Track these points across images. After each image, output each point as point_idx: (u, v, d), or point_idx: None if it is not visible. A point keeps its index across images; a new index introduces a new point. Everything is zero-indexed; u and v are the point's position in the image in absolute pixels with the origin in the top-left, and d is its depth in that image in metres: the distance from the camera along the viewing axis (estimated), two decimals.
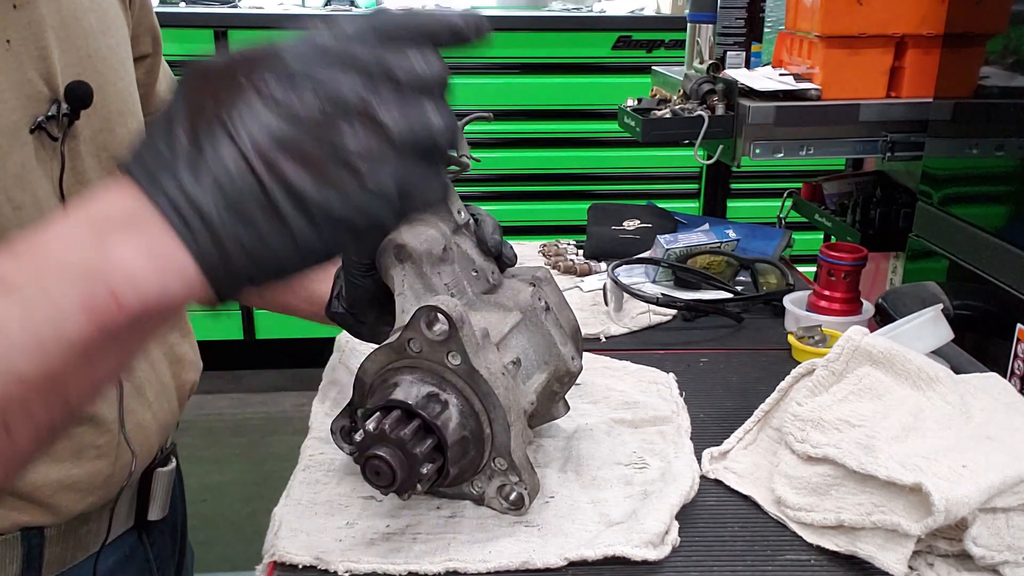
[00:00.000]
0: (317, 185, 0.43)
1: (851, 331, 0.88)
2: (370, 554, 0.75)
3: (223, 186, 0.42)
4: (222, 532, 2.52)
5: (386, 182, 0.44)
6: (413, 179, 0.45)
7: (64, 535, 0.78)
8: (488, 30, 0.47)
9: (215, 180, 0.42)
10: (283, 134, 0.42)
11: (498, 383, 0.77)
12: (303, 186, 0.43)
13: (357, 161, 0.43)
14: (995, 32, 1.10)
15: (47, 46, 0.69)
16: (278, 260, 0.45)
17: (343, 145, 0.43)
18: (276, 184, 0.42)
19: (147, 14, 0.89)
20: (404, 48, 0.44)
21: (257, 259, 0.44)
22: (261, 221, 0.43)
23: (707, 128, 1.37)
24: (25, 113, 0.68)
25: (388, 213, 0.45)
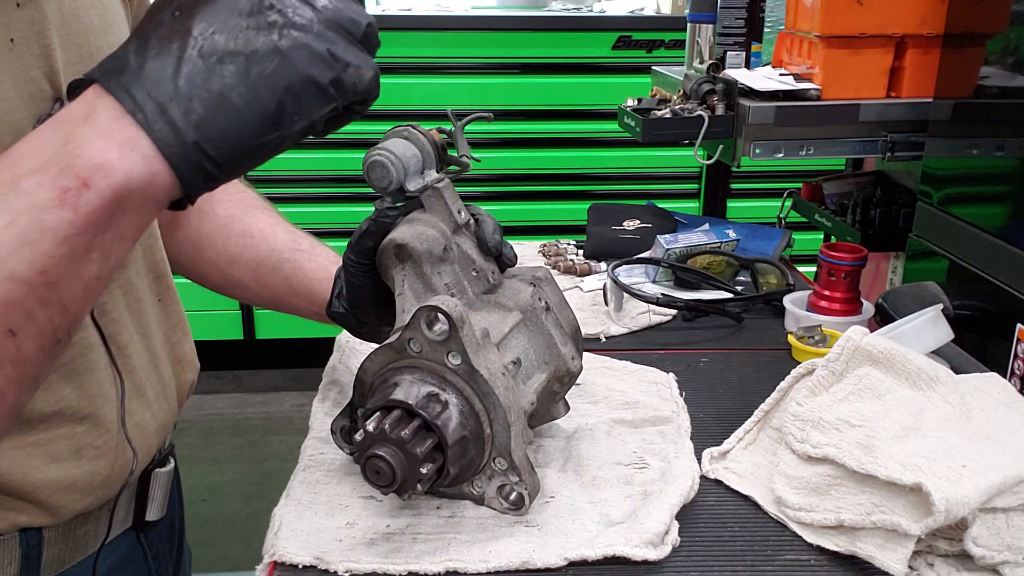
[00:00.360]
0: (243, 39, 0.49)
1: (851, 331, 0.88)
2: (370, 554, 0.75)
3: (166, 62, 0.48)
4: (221, 532, 2.52)
5: (310, 37, 0.50)
6: (340, 48, 0.51)
7: (63, 536, 0.78)
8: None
9: (158, 63, 0.49)
10: (215, 19, 0.49)
11: (498, 383, 0.77)
12: (227, 44, 0.49)
13: (279, 18, 0.49)
14: (995, 32, 1.10)
15: (50, 44, 0.69)
16: (226, 128, 0.49)
17: (271, 5, 0.50)
18: (204, 51, 0.49)
19: (144, 9, 0.89)
20: None
21: (206, 128, 0.49)
22: (201, 90, 0.48)
23: (707, 128, 1.38)
24: (29, 112, 0.68)
25: (318, 68, 0.51)
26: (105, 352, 0.77)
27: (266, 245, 0.99)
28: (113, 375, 0.78)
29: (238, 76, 0.50)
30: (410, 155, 0.82)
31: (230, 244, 0.99)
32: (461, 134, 0.87)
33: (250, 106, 0.50)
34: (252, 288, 1.00)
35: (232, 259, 0.99)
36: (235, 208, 1.01)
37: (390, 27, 3.08)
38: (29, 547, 0.75)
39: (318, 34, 0.51)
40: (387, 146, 0.82)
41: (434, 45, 3.11)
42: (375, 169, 0.82)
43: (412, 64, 3.11)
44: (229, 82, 0.49)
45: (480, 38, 3.12)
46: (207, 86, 0.49)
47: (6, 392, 0.50)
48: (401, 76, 3.11)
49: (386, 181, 0.82)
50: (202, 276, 1.02)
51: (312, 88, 0.52)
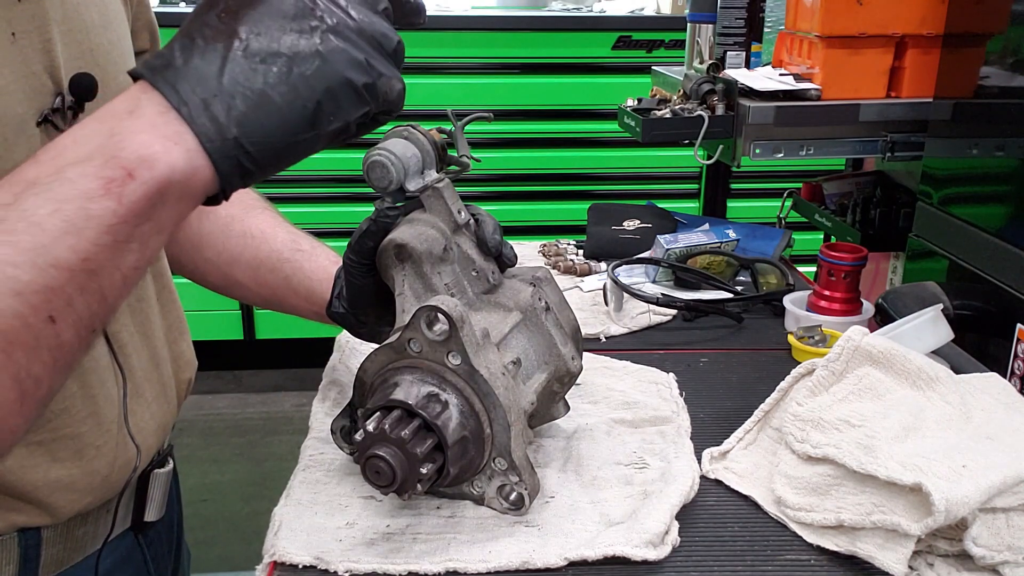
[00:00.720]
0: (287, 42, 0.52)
1: (851, 331, 0.88)
2: (370, 554, 0.75)
3: (211, 61, 0.51)
4: (221, 532, 2.51)
5: (349, 44, 0.53)
6: (374, 58, 0.55)
7: (61, 536, 0.77)
8: None
9: (204, 61, 0.51)
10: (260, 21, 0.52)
11: (498, 383, 0.77)
12: (270, 46, 0.52)
13: (320, 23, 0.53)
14: (995, 32, 1.10)
15: (51, 39, 0.70)
16: (266, 125, 0.52)
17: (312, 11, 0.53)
18: (249, 51, 0.51)
19: (145, 9, 0.89)
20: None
21: (247, 125, 0.51)
22: (244, 88, 0.51)
23: (707, 128, 1.38)
24: (31, 106, 0.68)
25: (355, 72, 0.54)
26: (108, 350, 0.77)
27: (266, 245, 0.99)
28: (115, 374, 0.78)
29: (280, 76, 0.52)
30: (410, 155, 0.82)
31: (230, 244, 0.99)
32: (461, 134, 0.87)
33: (290, 105, 0.52)
34: (252, 288, 1.00)
35: (232, 259, 0.99)
36: (235, 208, 1.01)
37: None
38: (28, 548, 0.75)
39: (355, 42, 0.54)
40: (387, 146, 0.82)
41: (434, 45, 3.11)
42: (375, 169, 0.82)
43: (412, 64, 3.09)
44: (271, 81, 0.51)
45: (480, 38, 3.12)
46: (250, 84, 0.51)
47: (41, 379, 0.51)
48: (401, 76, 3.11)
49: (386, 181, 0.82)
50: (202, 276, 1.02)
51: (349, 91, 0.54)
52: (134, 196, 0.49)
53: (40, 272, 0.48)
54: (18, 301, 0.48)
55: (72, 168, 0.49)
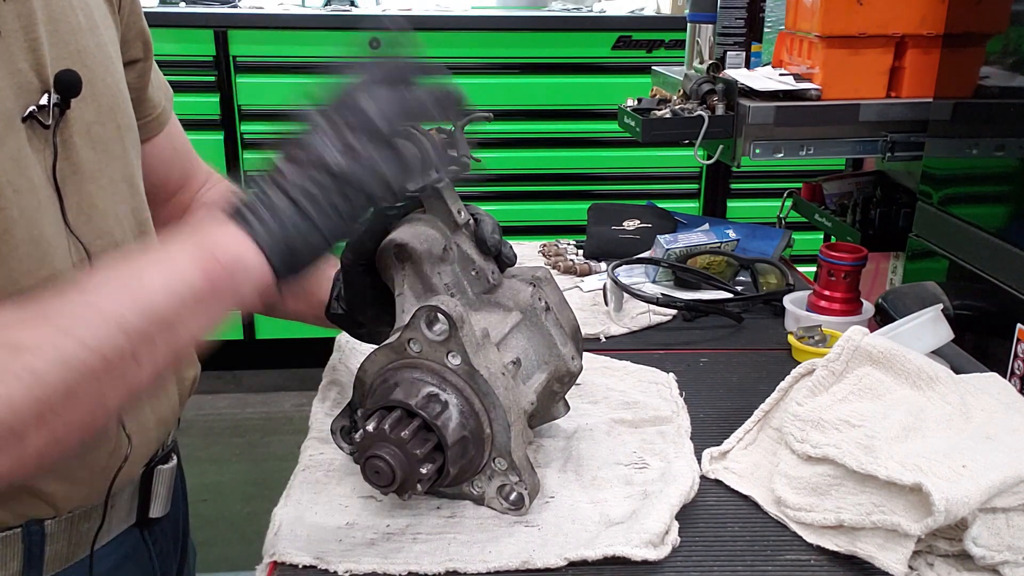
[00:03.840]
0: (338, 198, 0.68)
1: (851, 331, 0.88)
2: (370, 554, 0.76)
3: (264, 197, 0.68)
4: (222, 532, 2.51)
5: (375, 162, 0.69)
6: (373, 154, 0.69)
7: (65, 531, 0.78)
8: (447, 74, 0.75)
9: (260, 197, 0.68)
10: (312, 180, 0.68)
11: (498, 383, 0.77)
12: (314, 195, 0.68)
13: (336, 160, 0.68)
14: (995, 32, 1.10)
15: (38, 38, 0.71)
16: (310, 244, 0.68)
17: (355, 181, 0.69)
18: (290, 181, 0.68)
19: (137, 19, 0.90)
20: None
21: (293, 240, 0.67)
22: (297, 223, 0.67)
23: (707, 128, 1.37)
24: (17, 102, 0.69)
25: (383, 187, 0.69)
26: None
27: None
28: None
29: (320, 213, 0.68)
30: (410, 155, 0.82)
31: None
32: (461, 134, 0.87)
33: (331, 232, 0.69)
34: None
35: None
36: None
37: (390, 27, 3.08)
38: (32, 543, 0.75)
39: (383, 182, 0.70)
40: None
41: (434, 45, 3.10)
42: None
43: None
44: (317, 218, 0.68)
45: (480, 38, 3.12)
46: (298, 220, 0.67)
47: (111, 410, 0.63)
48: None
49: None
50: None
51: (375, 196, 0.70)
52: (218, 275, 0.64)
53: (143, 318, 0.61)
54: (123, 338, 0.60)
55: (176, 251, 0.65)
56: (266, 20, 3.08)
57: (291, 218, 0.67)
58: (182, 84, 2.64)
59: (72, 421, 0.59)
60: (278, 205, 0.68)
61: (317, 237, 0.68)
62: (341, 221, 0.69)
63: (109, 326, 0.59)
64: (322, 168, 0.68)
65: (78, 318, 0.60)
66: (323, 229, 0.68)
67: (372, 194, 0.69)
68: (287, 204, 0.68)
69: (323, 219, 0.68)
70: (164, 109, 0.96)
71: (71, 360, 0.58)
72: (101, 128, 0.79)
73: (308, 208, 0.68)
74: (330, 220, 0.68)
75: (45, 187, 0.73)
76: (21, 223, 0.69)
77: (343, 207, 0.68)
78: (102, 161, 0.79)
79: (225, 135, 3.12)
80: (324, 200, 0.68)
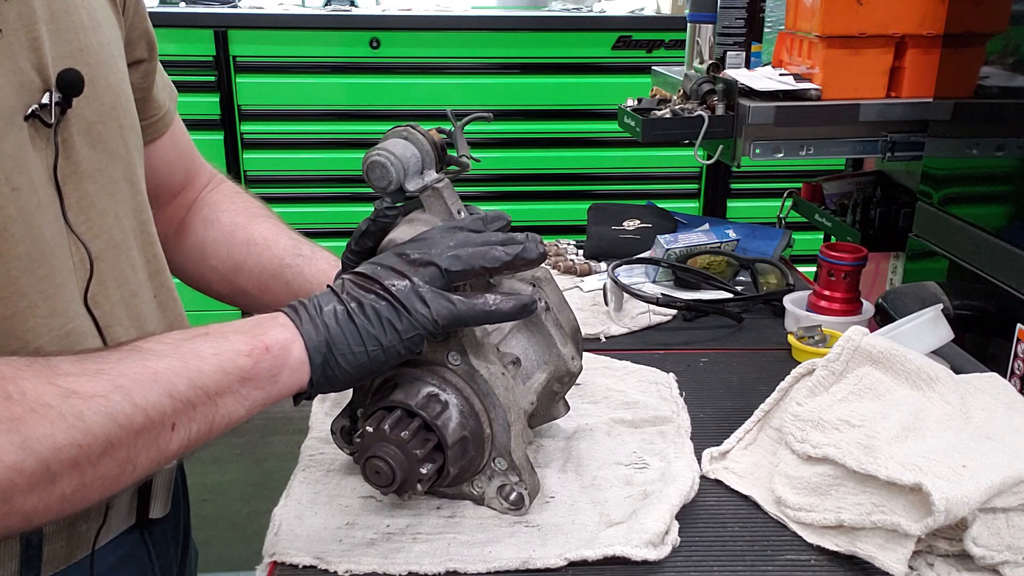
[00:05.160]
0: (367, 295, 0.73)
1: (851, 331, 0.88)
2: (370, 554, 0.76)
3: (323, 303, 0.73)
4: (222, 532, 2.51)
5: (410, 296, 0.73)
6: (426, 295, 0.73)
7: (63, 532, 0.78)
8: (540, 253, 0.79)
9: (318, 302, 0.73)
10: (352, 282, 0.75)
11: (498, 383, 0.77)
12: (359, 295, 0.73)
13: (393, 285, 0.74)
14: (995, 32, 1.10)
15: (39, 37, 0.71)
16: (349, 342, 0.72)
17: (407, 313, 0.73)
18: (347, 298, 0.73)
19: (141, 19, 0.90)
20: None
21: (337, 339, 0.72)
22: (340, 315, 0.73)
23: (707, 128, 1.37)
24: (19, 100, 0.69)
25: (415, 311, 0.73)
26: (101, 343, 0.77)
27: (268, 252, 0.99)
28: None
29: (369, 317, 0.72)
30: (410, 155, 0.82)
31: (234, 252, 1.00)
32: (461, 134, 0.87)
33: (368, 336, 0.72)
34: (256, 295, 1.01)
35: (236, 267, 1.00)
36: (239, 217, 1.01)
37: (390, 27, 3.08)
38: (30, 544, 0.75)
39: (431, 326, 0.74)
40: (387, 146, 0.82)
41: (434, 45, 3.10)
42: (375, 169, 0.82)
43: (412, 64, 3.11)
44: (360, 319, 0.72)
45: (480, 38, 3.12)
46: (344, 317, 0.72)
47: (139, 470, 0.64)
48: (401, 76, 3.11)
49: (386, 181, 0.82)
50: (207, 285, 1.03)
51: (419, 334, 0.73)
52: (264, 364, 0.69)
53: (191, 388, 0.65)
54: (168, 403, 0.63)
55: (232, 334, 0.70)
56: (266, 20, 3.08)
57: (339, 320, 0.72)
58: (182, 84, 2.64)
59: (103, 474, 0.61)
60: (327, 308, 0.73)
61: (359, 346, 0.72)
62: (385, 336, 0.72)
63: (159, 390, 0.63)
64: (380, 287, 0.73)
65: (132, 377, 0.62)
66: (365, 339, 0.72)
67: (423, 325, 0.73)
68: (337, 307, 0.73)
69: (367, 328, 0.72)
70: (169, 110, 0.96)
71: (117, 414, 0.61)
72: (103, 127, 0.79)
73: (356, 314, 0.72)
74: (374, 333, 0.72)
75: (46, 186, 0.73)
76: (19, 222, 0.69)
77: (387, 317, 0.72)
78: (103, 161, 0.79)
79: (225, 135, 3.12)
80: (372, 312, 0.72)
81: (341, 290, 0.74)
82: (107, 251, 0.78)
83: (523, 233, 0.80)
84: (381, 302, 0.73)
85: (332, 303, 0.73)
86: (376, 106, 3.12)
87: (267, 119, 3.12)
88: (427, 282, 0.74)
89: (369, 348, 0.72)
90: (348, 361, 0.72)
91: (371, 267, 0.76)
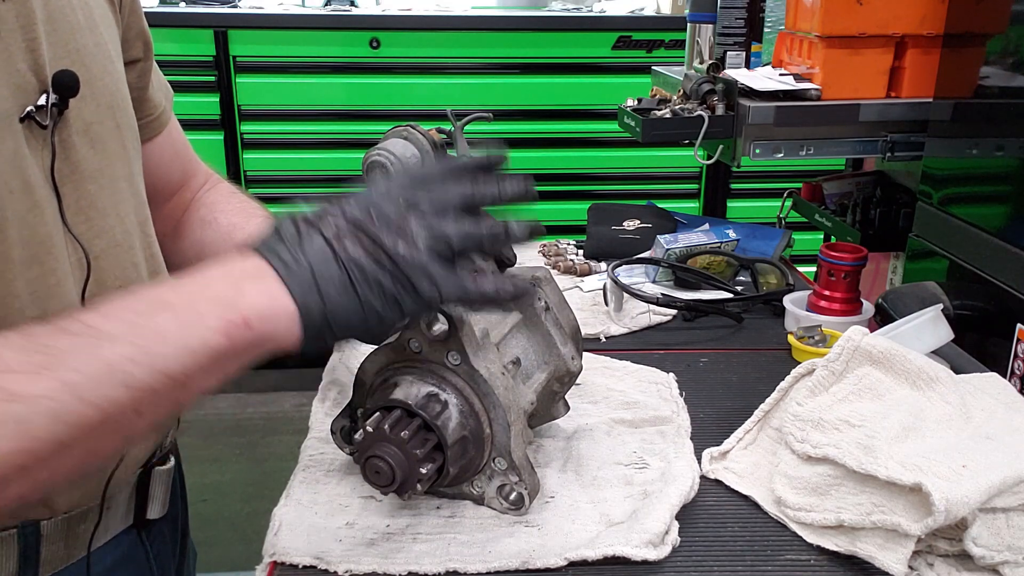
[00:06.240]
0: (370, 261, 0.65)
1: (851, 331, 0.88)
2: (370, 554, 0.75)
3: (315, 260, 0.64)
4: (222, 532, 2.51)
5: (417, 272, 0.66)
6: (435, 272, 0.67)
7: (61, 532, 0.78)
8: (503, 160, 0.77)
9: (310, 255, 0.65)
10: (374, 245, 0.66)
11: (498, 383, 0.77)
12: (375, 273, 0.65)
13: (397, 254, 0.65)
14: (995, 32, 1.10)
15: (36, 38, 0.71)
16: (348, 315, 0.65)
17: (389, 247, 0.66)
18: (347, 260, 0.65)
19: (137, 19, 0.89)
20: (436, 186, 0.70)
21: (336, 314, 0.64)
22: (339, 283, 0.64)
23: (707, 128, 1.37)
24: (15, 102, 0.69)
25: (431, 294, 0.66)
26: None
27: None
28: None
29: (376, 294, 0.65)
30: (409, 155, 0.82)
31: None
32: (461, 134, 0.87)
33: (374, 313, 0.65)
34: None
35: None
36: (237, 217, 1.01)
37: (390, 27, 3.08)
38: (27, 544, 0.75)
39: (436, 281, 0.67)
40: (387, 146, 0.82)
41: (434, 45, 3.10)
42: (375, 169, 0.82)
43: (412, 64, 3.11)
44: (366, 295, 0.65)
45: (480, 38, 3.12)
46: (347, 292, 0.64)
47: (103, 456, 0.61)
48: (401, 76, 3.11)
49: None
50: None
51: (420, 311, 0.69)
52: (243, 340, 0.61)
53: (151, 375, 0.58)
54: (126, 393, 0.58)
55: (203, 304, 0.61)
56: (266, 20, 3.08)
57: (339, 291, 0.64)
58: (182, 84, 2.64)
59: (60, 469, 0.58)
60: (327, 274, 0.64)
61: (359, 319, 0.65)
62: (388, 312, 0.66)
63: (114, 382, 0.57)
64: (384, 252, 0.65)
65: (81, 371, 0.57)
66: (367, 313, 0.65)
67: (421, 292, 0.66)
68: (339, 274, 0.65)
69: (370, 303, 0.65)
70: (164, 110, 0.96)
71: (66, 415, 0.56)
72: (100, 127, 0.79)
73: (359, 283, 0.64)
74: (377, 308, 0.65)
75: (43, 187, 0.72)
76: (16, 224, 0.69)
77: (392, 293, 0.65)
78: (101, 161, 0.79)
79: (225, 135, 3.11)
80: (376, 286, 0.65)
81: (338, 242, 0.65)
82: (109, 251, 0.78)
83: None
84: (386, 274, 0.65)
85: (330, 263, 0.65)
86: (376, 106, 3.12)
87: (267, 119, 3.12)
88: (435, 251, 0.67)
89: (369, 322, 0.66)
90: (343, 331, 0.66)
91: (365, 209, 0.67)
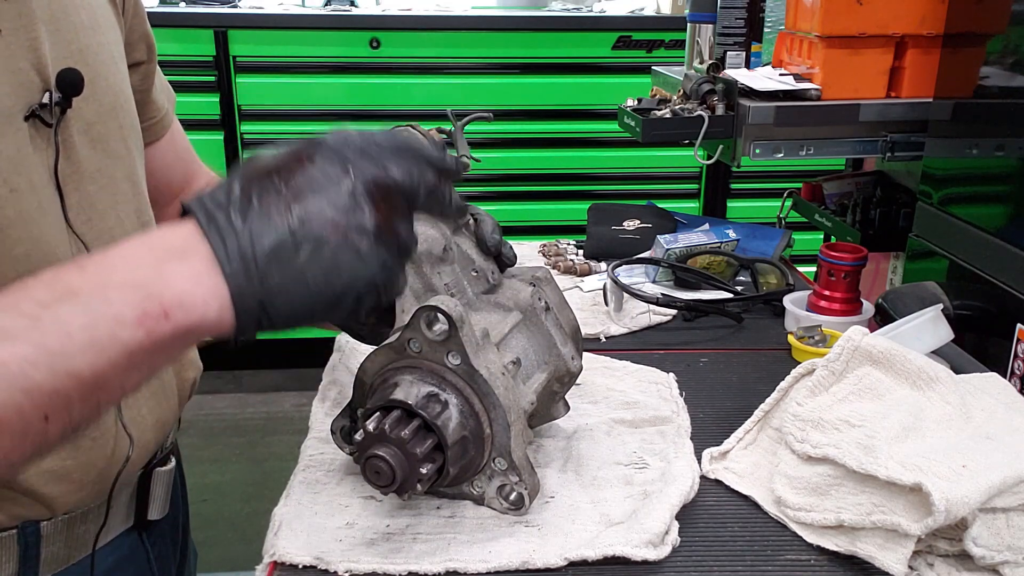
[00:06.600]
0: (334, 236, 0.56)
1: (851, 331, 0.88)
2: (370, 554, 0.75)
3: (262, 228, 0.55)
4: (222, 532, 2.52)
5: (389, 254, 0.58)
6: (397, 267, 0.60)
7: (61, 533, 0.78)
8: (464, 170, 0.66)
9: (257, 226, 0.54)
10: (315, 206, 0.56)
11: (498, 383, 0.77)
12: (319, 233, 0.55)
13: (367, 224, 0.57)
14: (995, 32, 1.10)
15: (38, 37, 0.71)
16: (292, 301, 0.56)
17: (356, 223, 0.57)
18: (297, 233, 0.55)
19: (141, 22, 0.90)
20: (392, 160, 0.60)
21: (275, 296, 0.55)
22: (283, 263, 0.55)
23: (707, 128, 1.37)
24: (18, 100, 0.69)
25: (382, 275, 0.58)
26: None
27: None
28: None
29: (319, 264, 0.56)
30: None
31: None
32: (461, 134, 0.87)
33: (320, 290, 0.57)
34: None
35: None
36: None
37: (390, 27, 3.08)
38: (27, 545, 0.75)
39: (389, 248, 0.59)
40: None
41: (434, 45, 3.11)
42: None
43: (412, 64, 3.11)
44: (309, 266, 0.56)
45: (480, 38, 3.12)
46: (290, 262, 0.55)
47: (15, 464, 0.53)
48: (401, 76, 3.11)
49: None
50: None
51: (374, 292, 0.59)
52: (162, 333, 0.53)
53: (54, 376, 0.51)
54: (24, 397, 0.50)
55: (115, 291, 0.53)
56: (266, 20, 3.09)
57: (285, 270, 0.55)
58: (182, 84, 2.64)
59: None
60: (278, 243, 0.55)
61: (304, 303, 0.56)
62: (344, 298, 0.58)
63: (10, 386, 0.50)
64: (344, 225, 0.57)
65: None
66: (314, 297, 0.57)
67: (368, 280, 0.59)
68: (290, 245, 0.56)
69: (319, 285, 0.57)
70: (167, 112, 0.97)
71: None
72: (103, 127, 0.79)
73: (311, 262, 0.56)
74: (328, 291, 0.57)
75: (47, 186, 0.72)
76: (18, 223, 0.69)
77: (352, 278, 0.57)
78: (104, 161, 0.79)
79: (225, 135, 3.12)
80: (331, 264, 0.56)
81: (286, 206, 0.56)
82: None
83: None
84: (347, 252, 0.57)
85: (273, 231, 0.55)
86: (376, 106, 3.12)
87: (267, 119, 3.12)
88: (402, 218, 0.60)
89: (316, 307, 0.57)
90: (282, 316, 0.57)
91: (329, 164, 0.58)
